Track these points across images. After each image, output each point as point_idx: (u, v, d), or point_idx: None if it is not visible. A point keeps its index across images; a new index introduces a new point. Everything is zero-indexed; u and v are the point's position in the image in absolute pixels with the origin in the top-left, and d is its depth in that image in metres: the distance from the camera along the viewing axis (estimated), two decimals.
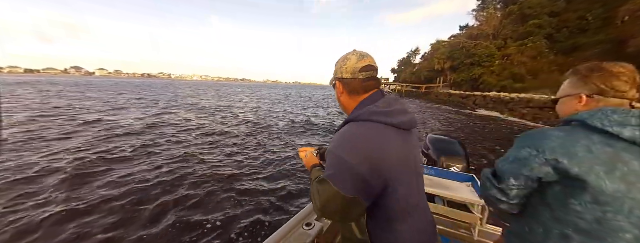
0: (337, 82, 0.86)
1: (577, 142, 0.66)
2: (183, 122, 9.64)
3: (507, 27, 30.22)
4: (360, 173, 0.67)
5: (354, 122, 0.76)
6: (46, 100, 15.63)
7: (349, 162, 0.68)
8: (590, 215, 0.65)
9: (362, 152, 0.68)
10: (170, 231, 2.78)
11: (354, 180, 0.67)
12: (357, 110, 0.80)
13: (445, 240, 1.76)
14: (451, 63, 35.43)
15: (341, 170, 0.69)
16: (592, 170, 0.63)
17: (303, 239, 1.30)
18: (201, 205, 3.37)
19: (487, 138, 9.69)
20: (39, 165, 4.36)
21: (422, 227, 0.81)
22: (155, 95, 23.49)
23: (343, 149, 0.70)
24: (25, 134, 6.41)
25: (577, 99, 0.76)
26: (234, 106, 17.08)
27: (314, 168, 0.91)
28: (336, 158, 0.70)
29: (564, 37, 22.86)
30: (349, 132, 0.74)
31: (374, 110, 0.75)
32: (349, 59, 0.82)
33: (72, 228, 2.73)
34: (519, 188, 0.75)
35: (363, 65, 0.80)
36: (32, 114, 9.78)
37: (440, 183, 1.89)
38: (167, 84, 77.10)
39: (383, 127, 0.73)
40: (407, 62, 60.86)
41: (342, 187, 0.67)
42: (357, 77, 0.81)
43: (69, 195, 3.38)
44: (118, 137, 6.69)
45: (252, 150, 6.09)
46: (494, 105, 21.17)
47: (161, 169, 4.45)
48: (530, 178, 0.73)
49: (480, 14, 37.45)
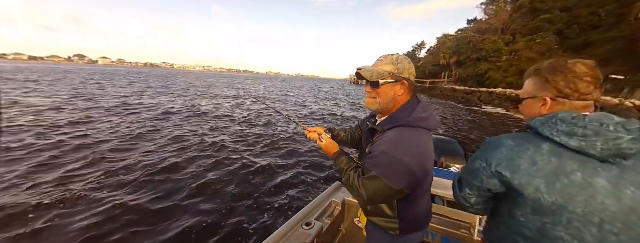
0: (405, 82, 0.91)
1: (524, 153, 0.66)
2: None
3: (516, 21, 29.51)
4: (413, 171, 0.81)
5: (405, 127, 0.87)
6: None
7: (405, 163, 0.80)
8: (532, 225, 0.67)
9: (416, 155, 0.83)
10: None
11: (404, 176, 0.81)
12: (403, 115, 0.90)
13: (445, 240, 1.77)
14: (457, 58, 34.88)
15: (395, 168, 0.81)
16: (531, 184, 0.64)
17: (303, 239, 1.32)
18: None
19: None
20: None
21: (428, 202, 1.06)
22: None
23: (400, 152, 0.82)
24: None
25: (541, 102, 0.73)
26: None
27: (340, 157, 1.01)
28: (392, 159, 0.81)
29: (575, 34, 22.30)
30: (404, 137, 0.85)
31: (420, 117, 0.87)
32: (411, 63, 0.93)
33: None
34: (475, 197, 0.80)
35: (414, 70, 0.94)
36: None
37: (440, 183, 1.88)
38: (180, 74, 75.82)
39: (424, 131, 0.88)
40: (411, 56, 60.00)
41: (394, 183, 0.80)
42: (414, 81, 0.94)
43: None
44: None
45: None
46: (500, 102, 20.93)
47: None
48: (481, 188, 0.76)
49: (489, 7, 36.54)
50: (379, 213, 1.00)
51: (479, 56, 30.11)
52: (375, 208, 1.01)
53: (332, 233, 1.75)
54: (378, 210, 1.00)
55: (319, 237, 1.39)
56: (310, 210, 1.62)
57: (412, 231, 1.02)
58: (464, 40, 35.08)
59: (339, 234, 1.87)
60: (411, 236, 1.02)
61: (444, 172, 2.04)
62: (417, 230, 1.03)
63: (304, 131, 1.19)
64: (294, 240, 1.30)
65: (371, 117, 1.09)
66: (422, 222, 1.04)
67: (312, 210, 1.66)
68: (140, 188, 3.55)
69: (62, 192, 3.27)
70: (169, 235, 2.72)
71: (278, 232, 1.33)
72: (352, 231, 1.90)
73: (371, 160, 0.86)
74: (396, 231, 0.99)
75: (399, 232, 0.99)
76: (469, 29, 39.32)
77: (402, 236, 1.00)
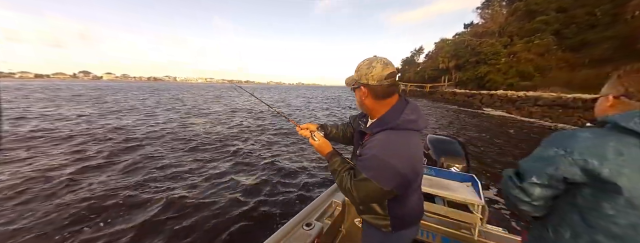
0: (362, 87, 0.93)
1: (606, 144, 0.64)
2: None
3: (512, 24, 29.80)
4: (402, 173, 0.84)
5: (393, 130, 0.88)
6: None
7: (393, 165, 0.83)
8: (624, 219, 0.61)
9: (405, 158, 0.85)
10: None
11: (394, 178, 0.84)
12: (392, 117, 0.90)
13: (445, 240, 1.75)
14: (456, 61, 35.07)
15: (385, 171, 0.83)
16: (623, 173, 0.60)
17: (303, 239, 1.32)
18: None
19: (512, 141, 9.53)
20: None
21: (419, 197, 1.09)
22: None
23: (390, 155, 0.84)
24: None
25: (606, 99, 0.75)
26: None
27: (334, 157, 1.01)
28: (382, 161, 0.84)
29: (572, 33, 22.42)
30: (393, 140, 0.87)
31: (408, 119, 0.89)
32: (374, 67, 0.89)
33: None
34: (542, 187, 0.72)
35: (387, 73, 0.89)
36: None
37: (440, 183, 1.88)
38: (188, 87, 77.03)
39: (413, 133, 0.90)
40: (410, 61, 60.40)
41: (384, 184, 0.83)
42: (382, 84, 0.90)
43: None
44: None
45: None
46: (501, 104, 20.86)
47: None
48: (554, 177, 0.70)
49: (485, 12, 37.04)
50: (371, 211, 1.04)
51: (478, 59, 30.25)
52: (367, 207, 1.04)
53: (332, 233, 1.74)
54: (369, 208, 1.04)
55: (319, 238, 1.39)
56: (310, 211, 1.62)
57: (405, 227, 1.05)
58: (461, 44, 35.39)
59: (339, 234, 1.86)
60: (404, 232, 1.06)
61: (444, 172, 2.04)
62: (409, 226, 1.07)
63: (296, 128, 1.18)
64: (294, 241, 1.30)
65: (362, 116, 1.11)
66: (413, 218, 1.08)
67: (312, 210, 1.66)
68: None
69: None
70: (168, 235, 2.70)
71: (278, 232, 1.34)
72: (352, 231, 1.89)
73: (361, 163, 0.88)
74: (388, 228, 1.02)
75: (391, 229, 1.02)
76: (466, 33, 39.72)
77: (395, 232, 1.03)
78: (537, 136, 9.95)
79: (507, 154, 7.03)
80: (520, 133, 10.77)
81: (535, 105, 17.13)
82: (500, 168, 5.73)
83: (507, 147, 8.00)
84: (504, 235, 1.70)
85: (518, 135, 10.17)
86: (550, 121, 14.08)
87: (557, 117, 14.34)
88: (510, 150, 7.63)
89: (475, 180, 1.84)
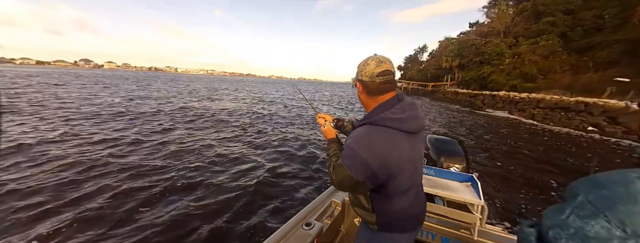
0: (358, 83, 1.00)
1: None
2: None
3: (518, 25, 29.43)
4: (371, 167, 0.85)
5: (370, 124, 0.90)
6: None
7: (363, 158, 0.85)
8: None
9: (374, 152, 0.85)
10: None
11: (364, 170, 0.86)
12: (374, 113, 0.94)
13: (445, 240, 1.75)
14: (459, 61, 34.79)
15: (355, 162, 0.86)
16: None
17: (303, 239, 1.31)
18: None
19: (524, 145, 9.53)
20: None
21: (412, 203, 1.01)
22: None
23: (359, 147, 0.86)
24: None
25: None
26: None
27: (332, 144, 1.09)
28: (353, 152, 0.87)
29: (579, 36, 22.11)
30: (366, 133, 0.89)
31: (389, 117, 0.88)
32: (368, 64, 0.94)
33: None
34: None
35: (380, 71, 0.92)
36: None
37: (440, 183, 1.87)
38: (195, 78, 77.92)
39: (395, 132, 0.88)
40: (413, 59, 60.01)
41: (355, 174, 0.86)
42: (374, 81, 0.93)
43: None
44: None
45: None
46: (503, 105, 20.79)
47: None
48: None
49: (491, 11, 36.51)
50: (358, 203, 1.05)
51: (482, 59, 29.98)
52: (355, 198, 1.07)
53: (332, 233, 1.74)
54: (357, 199, 1.05)
55: (318, 237, 1.38)
56: (310, 210, 1.62)
57: (394, 230, 1.01)
58: (466, 43, 35.05)
59: (339, 234, 1.85)
60: (394, 236, 1.01)
61: (444, 172, 2.02)
62: (399, 231, 1.01)
63: (316, 115, 1.36)
64: (293, 240, 1.30)
65: None
66: (404, 223, 1.01)
67: (312, 210, 1.66)
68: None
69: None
70: (169, 236, 2.72)
71: (278, 232, 1.33)
72: (352, 231, 1.88)
73: (343, 151, 0.94)
74: (374, 225, 1.01)
75: (377, 227, 1.01)
76: (471, 32, 39.29)
77: (382, 233, 1.02)
78: (541, 137, 9.96)
79: (508, 155, 7.06)
80: (522, 134, 10.81)
81: (537, 107, 17.07)
82: (500, 168, 5.75)
83: (508, 147, 8.03)
84: (504, 235, 1.70)
85: (519, 135, 10.18)
86: (552, 124, 14.03)
87: (559, 120, 14.28)
88: (510, 150, 7.68)
89: (475, 180, 1.83)
